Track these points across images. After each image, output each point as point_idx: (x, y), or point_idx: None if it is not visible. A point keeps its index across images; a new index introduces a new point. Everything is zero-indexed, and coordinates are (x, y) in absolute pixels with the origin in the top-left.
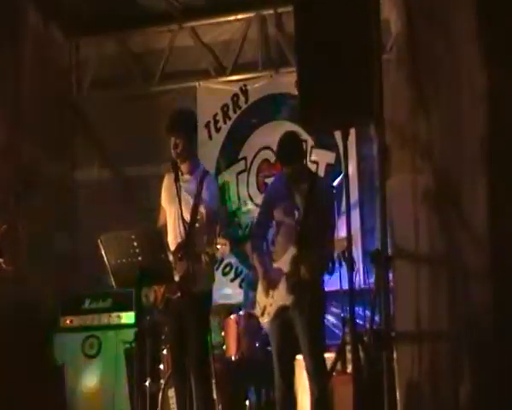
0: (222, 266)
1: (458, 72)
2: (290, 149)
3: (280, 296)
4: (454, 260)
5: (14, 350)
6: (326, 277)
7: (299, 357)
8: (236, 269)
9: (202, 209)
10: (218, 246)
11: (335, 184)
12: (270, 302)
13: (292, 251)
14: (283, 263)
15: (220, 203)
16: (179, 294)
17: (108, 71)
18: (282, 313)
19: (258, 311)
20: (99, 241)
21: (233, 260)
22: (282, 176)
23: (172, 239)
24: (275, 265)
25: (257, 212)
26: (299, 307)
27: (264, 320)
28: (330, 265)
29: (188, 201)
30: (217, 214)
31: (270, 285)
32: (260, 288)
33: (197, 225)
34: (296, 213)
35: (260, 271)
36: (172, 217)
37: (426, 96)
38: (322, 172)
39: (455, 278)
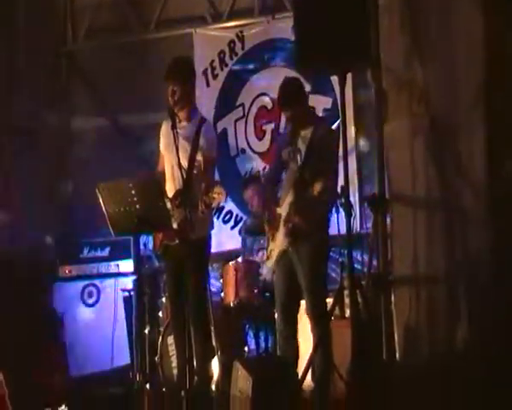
0: (222, 214)
1: (454, 18)
2: (289, 92)
3: (279, 241)
4: (451, 205)
5: (13, 299)
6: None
7: (303, 302)
8: (236, 217)
9: (200, 156)
10: (214, 195)
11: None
12: (273, 247)
13: (290, 196)
14: (283, 208)
15: (218, 150)
16: (177, 240)
17: (104, 19)
18: (283, 257)
19: (266, 255)
20: (97, 189)
21: (233, 207)
22: (288, 124)
23: (170, 186)
24: (278, 210)
25: (255, 158)
26: (296, 252)
27: (270, 264)
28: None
29: (185, 148)
30: (214, 162)
31: (273, 230)
32: (267, 233)
33: (195, 172)
34: (298, 157)
35: (267, 218)
36: (170, 164)
37: (421, 41)
38: None
39: (452, 223)
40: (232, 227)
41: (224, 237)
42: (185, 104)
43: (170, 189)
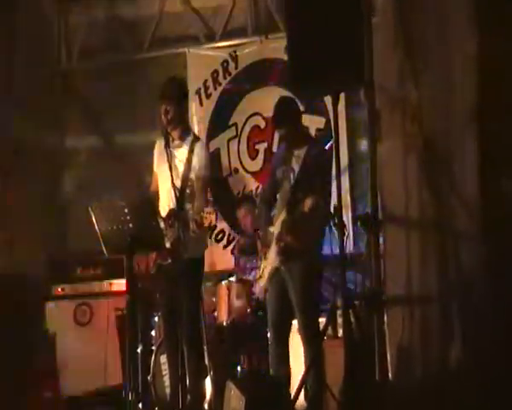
0: (215, 233)
1: (447, 38)
2: (283, 111)
3: (271, 258)
4: (445, 225)
5: (3, 318)
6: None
7: (295, 322)
8: (229, 236)
9: (193, 176)
10: (206, 215)
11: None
12: (265, 265)
13: (283, 214)
14: (276, 226)
15: (211, 170)
16: (170, 260)
17: (98, 39)
18: (274, 275)
19: (258, 274)
20: (90, 209)
21: (225, 226)
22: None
23: (164, 205)
24: (270, 229)
25: (248, 179)
26: (289, 272)
27: (262, 282)
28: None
29: (178, 167)
30: (207, 181)
31: (265, 248)
32: (260, 252)
33: (188, 191)
34: (291, 176)
35: (261, 236)
36: (163, 183)
37: (414, 60)
38: None
39: (445, 243)
40: (225, 246)
41: (217, 257)
42: (178, 124)
43: (163, 208)
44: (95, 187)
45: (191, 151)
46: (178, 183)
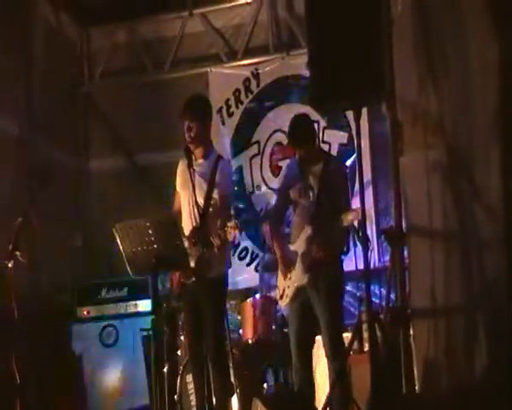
0: (238, 250)
1: (468, 44)
2: (301, 131)
3: (296, 277)
4: (469, 236)
5: (32, 342)
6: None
7: (318, 338)
8: (252, 253)
9: (216, 194)
10: (229, 230)
11: (348, 163)
12: (287, 284)
13: (307, 231)
14: (299, 244)
15: (234, 188)
16: (194, 279)
17: (120, 60)
18: (299, 294)
19: (278, 295)
20: (114, 230)
21: (249, 244)
22: (296, 158)
23: (187, 224)
24: (291, 247)
25: (270, 195)
26: (315, 287)
27: (284, 303)
28: (346, 245)
29: (202, 186)
30: (230, 199)
31: (287, 268)
32: (279, 271)
33: (211, 209)
34: (311, 193)
35: (278, 254)
36: (187, 202)
37: (435, 70)
38: (335, 152)
39: (470, 253)
40: (248, 264)
41: (240, 274)
42: (201, 142)
43: (186, 227)
44: (119, 207)
45: (214, 169)
46: (201, 201)
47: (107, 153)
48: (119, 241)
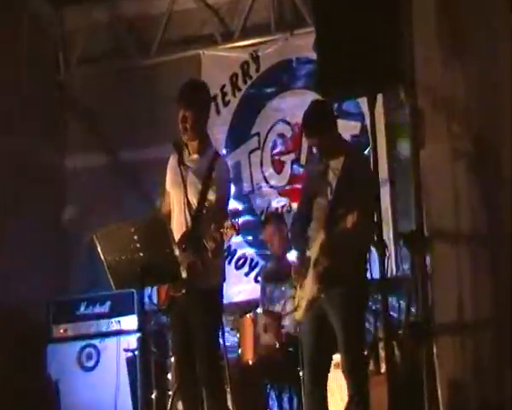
0: (235, 258)
1: (495, 25)
2: (315, 117)
3: (308, 288)
4: (499, 239)
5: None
6: None
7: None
8: (251, 261)
9: (211, 195)
10: (225, 230)
11: None
12: (302, 295)
13: (321, 237)
14: (313, 250)
15: (231, 188)
16: (184, 291)
17: (99, 43)
18: (313, 307)
19: (292, 306)
20: (94, 237)
21: (247, 250)
22: (317, 153)
23: (177, 228)
24: (307, 253)
25: (273, 194)
26: (330, 301)
27: (298, 316)
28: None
29: (195, 185)
30: (228, 201)
31: (301, 276)
32: (294, 280)
33: (205, 212)
34: (328, 192)
35: (294, 265)
36: (177, 202)
37: (460, 52)
38: None
39: (500, 259)
40: (247, 273)
41: (239, 286)
42: (197, 134)
43: (177, 231)
44: (100, 211)
45: (211, 167)
46: (194, 202)
47: (86, 149)
48: (99, 249)
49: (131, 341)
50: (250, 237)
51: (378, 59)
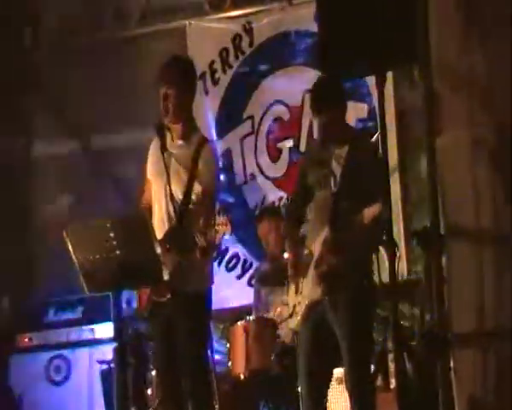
0: (226, 258)
1: None
2: (326, 91)
3: (308, 290)
4: None
5: None
6: None
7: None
8: (244, 262)
9: (198, 186)
10: (217, 227)
11: None
12: (299, 300)
13: (324, 233)
14: (314, 248)
15: (220, 178)
16: (168, 295)
17: (70, 12)
18: (312, 312)
19: (286, 313)
20: (64, 233)
21: (240, 249)
22: (318, 136)
23: (159, 223)
24: (306, 251)
25: (269, 186)
26: (334, 305)
27: (294, 323)
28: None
29: (180, 174)
30: (217, 193)
31: (298, 278)
32: (291, 284)
33: (191, 206)
34: (332, 182)
35: (290, 261)
36: (159, 195)
37: (483, 23)
38: None
39: None
40: (239, 276)
41: (230, 290)
42: (181, 116)
43: (158, 227)
44: (71, 203)
45: (197, 155)
46: (179, 195)
47: (54, 134)
48: (70, 247)
49: (106, 351)
50: (243, 235)
51: (388, 32)
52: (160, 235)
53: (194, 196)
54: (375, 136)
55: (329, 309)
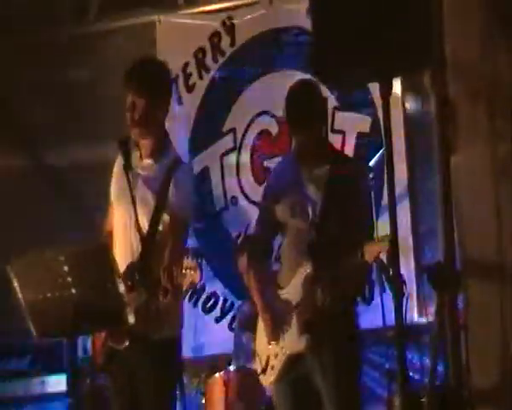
0: (202, 298)
1: None
2: (303, 105)
3: (290, 340)
4: None
5: None
6: (360, 307)
7: None
8: (224, 302)
9: (167, 215)
10: (185, 271)
11: (372, 163)
12: (275, 351)
13: (305, 270)
14: (293, 289)
15: (196, 204)
16: (128, 342)
17: (20, 6)
18: (294, 366)
19: (258, 366)
20: (8, 268)
21: (218, 287)
22: (291, 154)
23: (122, 255)
24: (281, 293)
25: (253, 211)
26: (318, 355)
27: (269, 380)
28: (366, 289)
29: (147, 200)
30: (189, 223)
31: (275, 326)
32: (261, 330)
33: (158, 237)
34: (310, 211)
35: (260, 303)
36: (122, 223)
37: (506, 23)
38: (351, 147)
39: None
40: (218, 319)
41: (206, 335)
42: (152, 130)
43: (121, 259)
44: (19, 231)
45: (168, 177)
46: (145, 223)
47: (3, 148)
48: (16, 284)
49: (59, 408)
50: (222, 270)
51: (395, 30)
52: (122, 268)
53: (161, 227)
54: (379, 154)
55: (313, 362)
